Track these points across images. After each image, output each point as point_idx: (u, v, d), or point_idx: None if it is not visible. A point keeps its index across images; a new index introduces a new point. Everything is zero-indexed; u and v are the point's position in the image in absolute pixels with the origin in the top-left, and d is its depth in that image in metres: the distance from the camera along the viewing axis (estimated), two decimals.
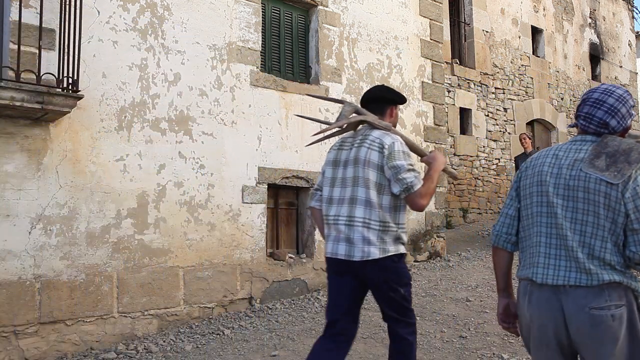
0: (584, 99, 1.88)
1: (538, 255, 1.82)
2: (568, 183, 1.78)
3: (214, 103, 5.35)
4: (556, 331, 1.76)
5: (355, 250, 2.55)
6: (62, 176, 4.42)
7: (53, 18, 4.32)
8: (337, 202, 2.66)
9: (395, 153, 2.55)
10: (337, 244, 2.62)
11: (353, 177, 2.62)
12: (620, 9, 14.24)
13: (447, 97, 8.93)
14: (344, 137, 2.81)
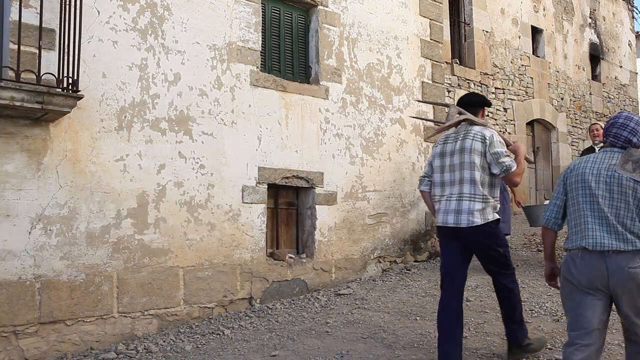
0: (612, 123, 2.69)
1: (587, 230, 2.57)
2: (606, 180, 2.57)
3: (214, 103, 5.35)
4: (601, 282, 2.52)
5: (462, 219, 3.33)
6: (62, 176, 4.42)
7: (53, 18, 4.32)
8: (449, 183, 3.47)
9: (495, 143, 3.41)
10: (446, 215, 3.40)
11: (460, 162, 3.42)
12: (620, 9, 14.24)
13: (447, 97, 8.92)
14: (447, 134, 3.64)
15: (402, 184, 6.98)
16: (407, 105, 7.18)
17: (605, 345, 3.81)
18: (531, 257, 6.86)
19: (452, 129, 3.64)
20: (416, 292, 5.61)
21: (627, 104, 14.02)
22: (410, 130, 7.19)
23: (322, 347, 4.05)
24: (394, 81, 7.04)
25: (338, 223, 6.28)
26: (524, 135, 10.71)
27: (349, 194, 6.41)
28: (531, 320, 4.41)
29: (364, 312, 5.02)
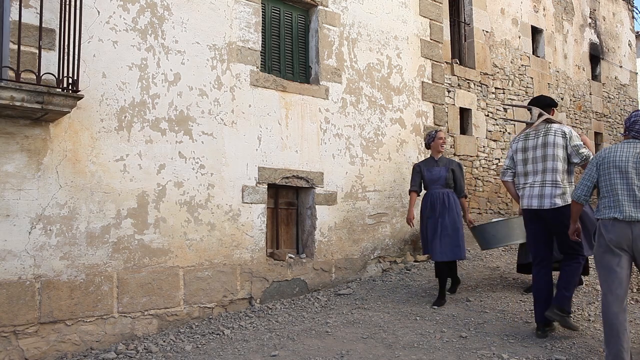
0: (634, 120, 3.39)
1: (619, 205, 3.30)
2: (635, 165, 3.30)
3: (214, 103, 5.35)
4: (627, 245, 3.29)
5: (545, 202, 4.01)
6: (62, 176, 4.42)
7: (53, 18, 4.32)
8: (532, 173, 4.15)
9: (574, 137, 4.07)
10: (531, 199, 4.09)
11: (543, 155, 4.08)
12: (620, 9, 14.24)
13: (447, 97, 8.92)
14: (526, 132, 4.26)
15: (402, 184, 6.98)
16: (407, 105, 7.18)
17: None
18: None
19: (530, 127, 4.27)
20: (416, 292, 5.61)
21: (627, 104, 14.02)
22: (410, 130, 7.19)
23: (322, 347, 4.05)
24: (394, 81, 7.04)
25: (338, 223, 6.28)
26: None
27: (349, 194, 6.41)
28: (531, 321, 4.41)
29: (364, 312, 5.02)
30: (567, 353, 3.72)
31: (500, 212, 9.96)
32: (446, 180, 5.35)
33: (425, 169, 5.47)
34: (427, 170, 5.45)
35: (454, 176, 5.40)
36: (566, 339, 3.98)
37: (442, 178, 5.35)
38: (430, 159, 5.58)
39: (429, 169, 5.45)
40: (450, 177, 5.37)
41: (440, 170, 5.38)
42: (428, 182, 5.44)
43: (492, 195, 9.94)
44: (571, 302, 4.09)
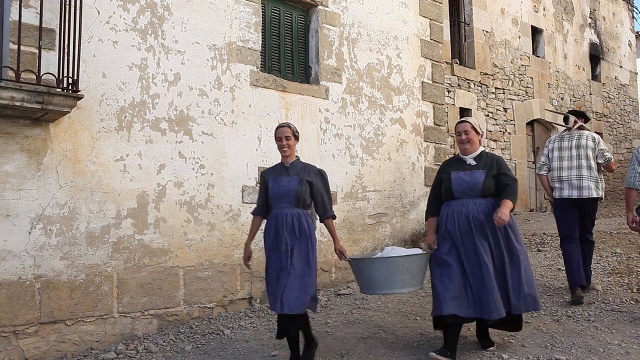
0: None
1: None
2: None
3: (214, 103, 5.35)
4: None
5: (583, 192, 4.82)
6: (62, 176, 4.42)
7: (53, 18, 4.32)
8: (567, 168, 4.90)
9: (601, 142, 4.95)
10: (572, 190, 4.86)
11: (577, 154, 4.88)
12: (620, 9, 14.24)
13: (447, 97, 8.93)
14: (561, 135, 5.07)
15: (402, 184, 6.98)
16: (407, 105, 7.18)
17: (605, 345, 3.82)
18: (531, 257, 6.86)
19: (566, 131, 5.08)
20: (416, 292, 5.61)
21: (627, 104, 14.02)
22: (410, 130, 7.19)
23: (322, 347, 4.04)
24: (394, 81, 7.04)
25: (338, 223, 6.27)
26: (523, 135, 10.72)
27: (349, 194, 6.41)
28: (531, 320, 4.41)
29: (364, 312, 5.02)
30: (567, 353, 3.72)
31: None
32: (297, 195, 3.66)
33: (271, 179, 3.77)
34: (272, 181, 3.75)
35: (311, 190, 3.75)
36: (566, 339, 3.98)
37: (292, 193, 3.66)
38: (279, 165, 3.86)
39: (275, 179, 3.75)
40: (303, 191, 3.68)
41: (290, 182, 3.70)
42: (272, 198, 3.74)
43: None
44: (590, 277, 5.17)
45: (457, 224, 3.65)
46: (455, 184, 3.69)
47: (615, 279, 5.52)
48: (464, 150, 3.79)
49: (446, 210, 3.74)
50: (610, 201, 12.25)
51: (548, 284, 5.47)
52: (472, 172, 3.69)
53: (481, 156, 3.77)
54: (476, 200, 3.64)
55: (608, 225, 8.45)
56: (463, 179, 3.68)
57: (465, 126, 3.79)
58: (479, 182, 3.64)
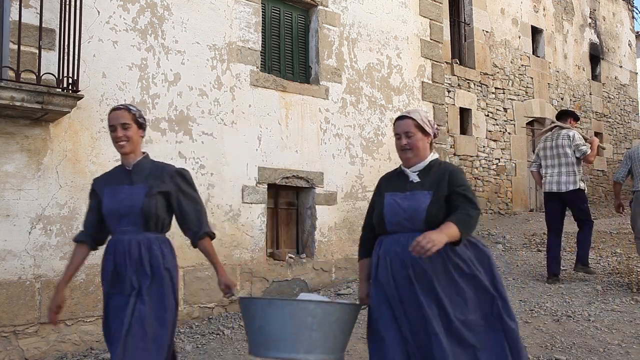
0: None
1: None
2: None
3: (214, 103, 5.35)
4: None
5: (563, 186, 5.41)
6: (62, 176, 4.42)
7: (53, 18, 4.32)
8: (551, 166, 5.55)
9: (576, 138, 5.47)
10: (552, 185, 5.48)
11: (557, 153, 5.50)
12: (620, 9, 14.24)
13: (447, 97, 8.92)
14: (546, 136, 5.74)
15: None
16: (407, 105, 7.17)
17: (605, 345, 3.82)
18: (531, 257, 6.86)
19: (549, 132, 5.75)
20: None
21: (627, 104, 14.02)
22: None
23: None
24: (394, 81, 7.04)
25: (338, 223, 6.28)
26: (524, 135, 10.72)
27: (349, 194, 6.41)
28: (531, 320, 4.41)
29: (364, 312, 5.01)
30: (567, 353, 3.73)
31: (500, 212, 9.95)
32: (145, 213, 2.52)
33: (106, 191, 2.59)
34: (108, 193, 2.58)
35: (168, 203, 2.59)
36: (566, 339, 3.98)
37: (136, 209, 2.51)
38: (118, 168, 2.70)
39: (112, 190, 2.58)
40: (153, 206, 2.53)
41: (133, 194, 2.53)
42: (108, 219, 2.57)
43: (492, 196, 9.94)
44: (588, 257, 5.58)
45: (391, 273, 2.39)
46: (389, 211, 2.43)
47: (615, 279, 5.52)
48: (405, 161, 2.53)
49: (378, 251, 2.48)
50: (610, 201, 12.25)
51: (548, 285, 5.48)
52: (413, 193, 2.42)
53: (430, 169, 2.48)
54: (417, 234, 2.25)
55: (608, 225, 8.45)
56: (399, 204, 2.41)
57: (407, 125, 2.48)
58: (421, 208, 2.36)
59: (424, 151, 2.50)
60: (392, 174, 2.62)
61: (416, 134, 2.47)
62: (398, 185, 2.51)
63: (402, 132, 2.48)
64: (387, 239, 2.45)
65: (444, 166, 2.51)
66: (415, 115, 2.50)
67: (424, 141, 2.50)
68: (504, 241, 7.77)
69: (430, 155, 2.53)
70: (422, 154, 2.49)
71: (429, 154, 2.53)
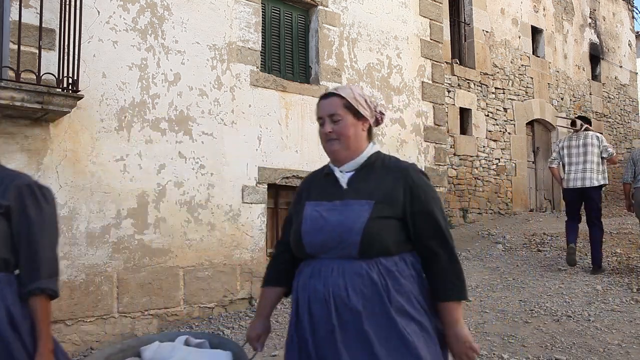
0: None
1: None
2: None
3: (214, 103, 5.35)
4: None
5: (587, 182, 5.82)
6: (62, 176, 4.42)
7: (53, 18, 4.32)
8: (575, 163, 5.93)
9: (604, 140, 6.01)
10: (576, 181, 5.88)
11: (585, 151, 5.90)
12: (620, 9, 14.24)
13: (447, 97, 8.93)
14: (570, 135, 6.15)
15: None
16: (407, 105, 7.18)
17: (605, 345, 3.82)
18: (531, 257, 6.87)
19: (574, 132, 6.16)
20: None
21: (627, 104, 14.02)
22: (410, 130, 7.19)
23: None
24: (394, 81, 7.04)
25: None
26: (524, 135, 10.72)
27: None
28: (531, 320, 4.41)
29: None
30: (567, 353, 3.72)
31: (500, 212, 9.95)
32: None
33: None
34: None
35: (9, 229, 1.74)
36: (566, 339, 3.98)
37: None
38: None
39: None
40: None
41: None
42: None
43: (492, 196, 9.95)
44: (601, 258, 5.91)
45: (310, 323, 1.70)
46: (309, 228, 1.72)
47: (615, 279, 5.52)
48: (332, 156, 1.86)
49: (296, 284, 1.81)
50: (610, 201, 12.25)
51: (548, 284, 5.48)
52: (345, 203, 1.71)
53: (369, 167, 1.78)
54: (349, 264, 1.64)
55: (608, 225, 8.45)
56: (325, 218, 1.70)
57: (332, 105, 1.78)
58: (355, 226, 1.64)
59: (357, 142, 1.78)
60: (318, 175, 1.96)
61: (345, 118, 1.75)
62: (324, 191, 1.80)
63: (326, 116, 1.77)
64: (307, 269, 1.72)
65: (395, 165, 1.77)
66: (345, 92, 1.78)
67: (358, 128, 1.78)
68: (504, 241, 7.77)
69: (368, 148, 1.80)
70: (354, 146, 1.77)
71: (366, 146, 1.80)
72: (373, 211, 1.65)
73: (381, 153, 1.84)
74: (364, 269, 1.63)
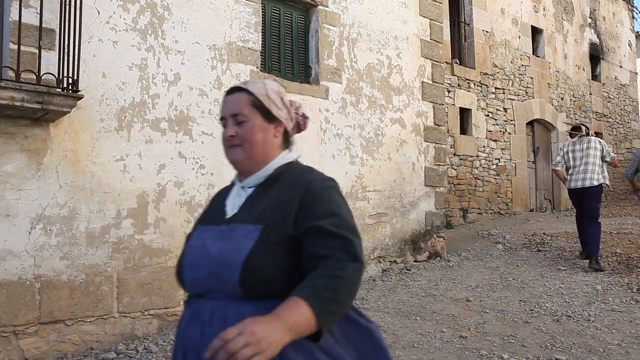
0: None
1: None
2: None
3: (214, 103, 5.35)
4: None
5: (587, 182, 6.27)
6: (62, 176, 4.42)
7: (53, 18, 4.32)
8: (578, 166, 6.40)
9: (606, 146, 6.52)
10: (577, 181, 6.34)
11: (587, 154, 6.37)
12: (620, 9, 14.24)
13: (447, 97, 8.93)
14: (573, 140, 6.60)
15: (402, 184, 6.98)
16: (407, 105, 7.18)
17: (605, 345, 3.82)
18: (531, 257, 6.87)
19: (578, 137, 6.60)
20: (416, 292, 5.61)
21: (627, 104, 14.02)
22: (410, 130, 7.19)
23: None
24: (394, 81, 7.04)
25: None
26: (524, 135, 10.72)
27: (349, 194, 6.41)
28: (531, 320, 4.41)
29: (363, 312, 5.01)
30: (567, 353, 3.73)
31: (500, 212, 9.95)
32: None
33: None
34: None
35: None
36: (566, 339, 3.98)
37: None
38: None
39: None
40: None
41: None
42: None
43: (492, 196, 9.95)
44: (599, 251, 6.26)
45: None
46: (189, 261, 1.43)
47: (615, 279, 5.52)
48: (234, 166, 1.64)
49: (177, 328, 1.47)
50: (610, 201, 12.25)
51: (548, 284, 5.48)
52: (231, 228, 1.40)
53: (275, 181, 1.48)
54: (235, 307, 1.30)
55: (608, 225, 8.45)
56: (207, 248, 1.39)
57: (237, 103, 1.48)
58: (235, 258, 1.30)
59: (265, 150, 1.46)
60: (228, 189, 1.64)
61: (252, 119, 1.43)
62: (219, 211, 1.50)
63: (229, 115, 1.46)
64: (187, 311, 1.39)
65: (300, 178, 1.40)
66: (255, 87, 1.46)
67: (268, 132, 1.45)
68: (504, 241, 7.77)
69: (279, 158, 1.47)
70: (261, 156, 1.46)
71: (279, 155, 1.47)
72: (260, 238, 1.28)
73: (296, 164, 1.47)
74: (250, 313, 1.21)
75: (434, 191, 7.37)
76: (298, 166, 1.47)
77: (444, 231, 7.51)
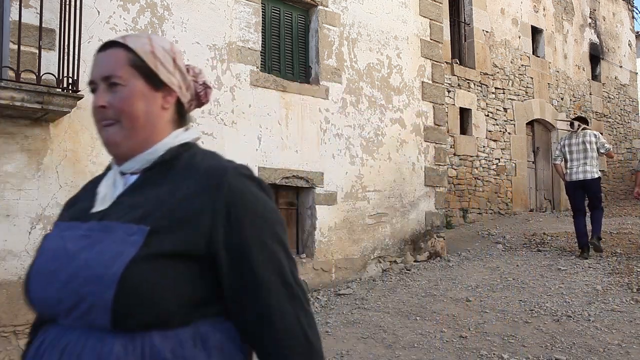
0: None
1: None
2: None
3: (214, 103, 5.35)
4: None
5: (587, 175, 6.55)
6: (62, 176, 4.42)
7: (53, 18, 4.32)
8: (576, 159, 6.65)
9: (601, 137, 6.78)
10: (577, 174, 6.59)
11: (584, 148, 6.61)
12: (620, 9, 14.24)
13: (447, 97, 8.93)
14: (570, 134, 6.87)
15: (402, 184, 6.98)
16: (407, 105, 7.18)
17: (605, 345, 3.82)
18: (531, 257, 6.87)
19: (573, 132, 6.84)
20: (416, 292, 5.61)
21: (627, 104, 14.02)
22: (410, 130, 7.19)
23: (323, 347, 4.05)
24: (394, 81, 7.04)
25: (338, 223, 6.28)
26: (524, 135, 10.72)
27: (349, 194, 6.41)
28: (531, 320, 4.41)
29: (364, 312, 5.02)
30: (567, 353, 3.73)
31: (500, 212, 9.95)
32: None
33: None
34: None
35: None
36: (566, 339, 3.98)
37: None
38: None
39: None
40: None
41: None
42: None
43: (492, 196, 9.95)
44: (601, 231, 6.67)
45: None
46: (40, 268, 0.98)
47: (615, 279, 5.53)
48: (110, 149, 1.22)
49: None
50: (610, 201, 12.25)
51: (548, 284, 5.48)
52: (103, 227, 0.98)
53: (168, 166, 1.07)
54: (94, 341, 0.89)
55: (608, 225, 8.45)
56: (67, 251, 0.95)
57: (112, 61, 1.05)
58: (108, 270, 0.89)
59: (150, 126, 1.09)
60: (101, 179, 1.27)
61: (130, 84, 1.05)
62: (89, 202, 1.14)
63: (100, 78, 1.07)
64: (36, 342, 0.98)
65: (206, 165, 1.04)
66: (137, 42, 1.08)
67: (153, 102, 1.08)
68: (504, 241, 7.77)
69: (170, 137, 1.10)
70: (146, 133, 1.10)
71: (170, 134, 1.10)
72: (145, 245, 0.91)
73: (192, 146, 1.10)
74: (115, 353, 0.87)
75: (434, 191, 7.37)
76: (198, 149, 1.09)
77: (444, 231, 7.51)
